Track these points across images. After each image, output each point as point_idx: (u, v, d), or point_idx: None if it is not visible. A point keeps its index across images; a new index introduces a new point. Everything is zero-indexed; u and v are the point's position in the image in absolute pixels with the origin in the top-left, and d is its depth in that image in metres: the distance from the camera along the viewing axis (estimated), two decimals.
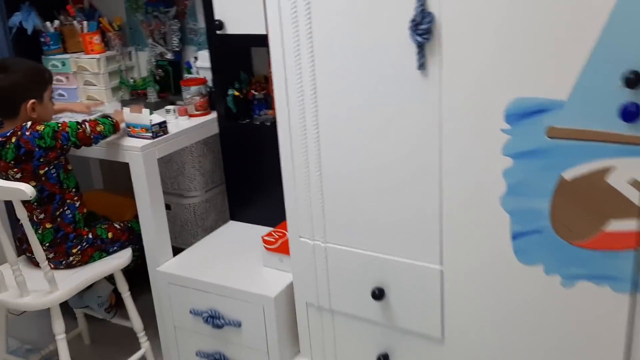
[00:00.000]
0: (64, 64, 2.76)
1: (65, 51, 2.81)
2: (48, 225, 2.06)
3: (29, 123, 1.97)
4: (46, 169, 2.00)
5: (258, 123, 2.30)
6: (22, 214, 1.81)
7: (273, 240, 2.03)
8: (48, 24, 2.75)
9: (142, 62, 2.82)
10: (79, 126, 2.00)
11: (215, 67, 2.31)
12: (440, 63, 1.41)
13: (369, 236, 1.67)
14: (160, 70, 2.62)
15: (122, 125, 2.16)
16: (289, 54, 1.62)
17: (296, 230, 1.80)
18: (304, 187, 1.73)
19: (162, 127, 2.13)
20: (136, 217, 2.21)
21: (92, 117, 2.07)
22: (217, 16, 2.18)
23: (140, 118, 2.11)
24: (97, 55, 2.67)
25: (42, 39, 2.76)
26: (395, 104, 1.51)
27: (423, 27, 1.39)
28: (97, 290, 2.34)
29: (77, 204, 2.11)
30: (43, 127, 1.96)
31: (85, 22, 2.68)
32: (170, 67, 2.61)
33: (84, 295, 2.35)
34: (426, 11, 1.38)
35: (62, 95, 2.83)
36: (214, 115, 2.37)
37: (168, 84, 2.62)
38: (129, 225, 2.26)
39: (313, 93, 1.62)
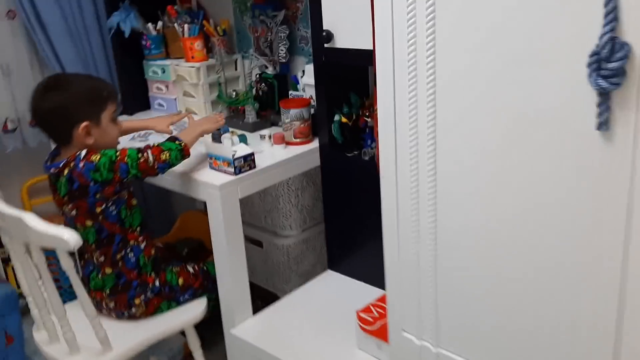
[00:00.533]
0: (163, 71, 2.47)
1: (167, 56, 2.52)
2: (108, 271, 1.75)
3: (84, 152, 1.66)
4: (104, 206, 1.69)
5: (367, 158, 1.85)
6: (67, 264, 1.49)
7: (371, 320, 1.58)
8: (150, 25, 2.47)
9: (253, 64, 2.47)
10: (140, 154, 1.66)
11: (320, 86, 1.88)
12: (637, 124, 0.88)
13: (500, 351, 1.17)
14: (263, 84, 2.25)
15: (200, 143, 1.79)
16: (400, 78, 1.15)
17: (398, 320, 1.34)
18: (412, 263, 1.26)
19: (247, 161, 1.74)
20: None
21: (156, 143, 1.72)
22: (325, 25, 1.76)
23: (222, 148, 1.74)
24: (197, 64, 2.35)
25: (143, 42, 2.50)
26: (554, 174, 0.99)
27: (612, 67, 0.86)
28: (167, 342, 2.02)
29: (143, 245, 1.78)
30: (98, 157, 1.64)
31: (186, 26, 2.37)
32: (274, 81, 2.23)
33: (153, 346, 2.03)
34: (618, 41, 0.85)
35: (162, 106, 2.56)
36: (315, 143, 1.95)
37: (271, 100, 2.24)
38: (205, 268, 1.91)
39: (431, 135, 1.14)
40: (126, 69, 2.55)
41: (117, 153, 1.65)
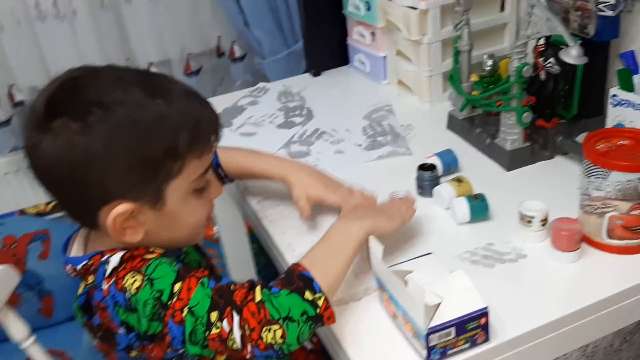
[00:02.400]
0: (368, 7, 1.39)
1: None
2: None
3: (116, 258, 0.69)
4: None
5: None
6: None
7: None
8: None
9: (534, 21, 1.25)
10: (213, 312, 0.64)
11: None
12: None
13: None
14: (551, 61, 1.04)
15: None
16: None
17: None
18: None
19: (466, 331, 0.63)
20: None
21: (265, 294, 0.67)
22: None
23: (404, 294, 0.65)
24: (422, 3, 1.22)
25: None
26: None
27: None
28: None
29: None
30: (138, 285, 0.66)
31: None
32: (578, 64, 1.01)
33: None
34: None
35: (363, 64, 1.50)
36: None
37: (565, 99, 1.03)
38: None
39: None
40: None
41: (176, 294, 0.65)
